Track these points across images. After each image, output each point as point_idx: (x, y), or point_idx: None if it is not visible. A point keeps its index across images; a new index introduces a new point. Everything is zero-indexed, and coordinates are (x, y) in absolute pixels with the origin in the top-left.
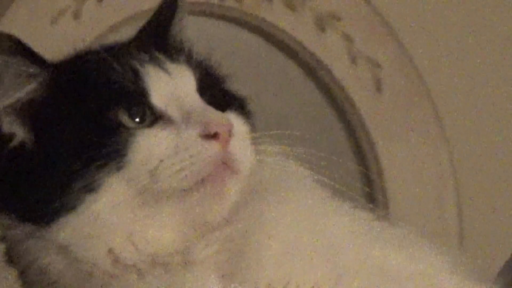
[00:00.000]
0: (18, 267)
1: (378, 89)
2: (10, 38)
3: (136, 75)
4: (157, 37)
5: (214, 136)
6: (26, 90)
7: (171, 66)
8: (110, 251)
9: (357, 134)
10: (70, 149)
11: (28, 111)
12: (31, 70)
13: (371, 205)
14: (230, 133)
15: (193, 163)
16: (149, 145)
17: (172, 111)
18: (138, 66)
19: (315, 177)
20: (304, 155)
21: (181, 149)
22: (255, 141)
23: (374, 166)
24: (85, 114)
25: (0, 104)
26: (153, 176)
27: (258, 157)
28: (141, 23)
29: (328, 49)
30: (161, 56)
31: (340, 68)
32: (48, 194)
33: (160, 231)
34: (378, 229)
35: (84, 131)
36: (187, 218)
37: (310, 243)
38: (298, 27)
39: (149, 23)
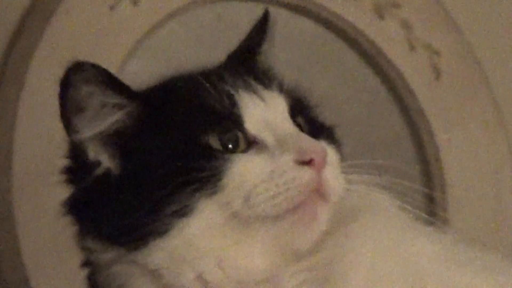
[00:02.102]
0: None
1: (437, 76)
2: (95, 67)
3: (231, 100)
4: (247, 64)
5: (309, 162)
6: (111, 120)
7: (264, 92)
8: (199, 276)
9: (415, 121)
10: (161, 174)
11: (115, 140)
12: (117, 101)
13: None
14: (324, 160)
15: (288, 189)
16: (244, 170)
17: (266, 137)
18: (232, 92)
19: (398, 204)
20: (387, 184)
21: (276, 175)
22: (343, 170)
23: (432, 152)
24: (178, 139)
25: (84, 134)
26: (246, 201)
27: (346, 186)
28: (199, 11)
29: (387, 37)
30: (253, 82)
31: (399, 56)
32: (139, 219)
33: (250, 257)
34: (463, 253)
35: (176, 156)
36: (277, 245)
37: (395, 270)
38: (357, 14)
39: (238, 48)
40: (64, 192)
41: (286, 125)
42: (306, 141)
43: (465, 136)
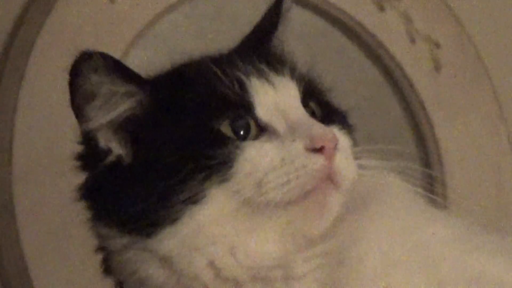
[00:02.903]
0: (116, 277)
1: (437, 68)
2: (104, 56)
3: (242, 87)
4: (260, 49)
5: (320, 149)
6: (121, 109)
7: (275, 78)
8: (211, 264)
9: (415, 113)
10: (172, 162)
11: (126, 127)
12: (126, 89)
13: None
14: (335, 147)
15: (299, 175)
16: (255, 157)
17: (277, 124)
18: (243, 78)
19: (411, 188)
20: (400, 168)
21: (287, 162)
22: (356, 156)
23: (432, 145)
24: (188, 126)
25: (95, 122)
26: (258, 188)
27: (359, 171)
28: (199, 2)
29: (387, 29)
30: (265, 68)
31: (399, 48)
32: (150, 207)
33: (262, 244)
34: (476, 236)
35: (187, 144)
36: (288, 231)
37: (410, 254)
38: (357, 7)
39: (251, 34)
40: (65, 182)
41: (298, 111)
42: (317, 128)
43: (465, 128)
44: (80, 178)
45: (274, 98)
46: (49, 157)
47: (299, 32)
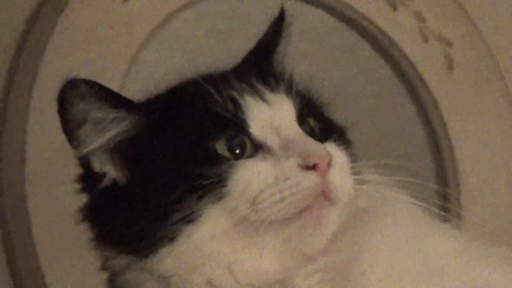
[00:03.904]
0: None
1: (450, 67)
2: (88, 84)
3: (236, 106)
4: (260, 66)
5: (313, 167)
6: (112, 133)
7: (270, 96)
8: (209, 282)
9: (428, 112)
10: (167, 181)
11: (120, 150)
12: (114, 115)
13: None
14: (329, 164)
15: (292, 193)
16: (249, 176)
17: (271, 141)
18: (237, 97)
19: (413, 202)
20: (401, 183)
21: (280, 180)
22: (354, 171)
23: (445, 143)
24: (183, 146)
25: (87, 147)
26: (252, 206)
27: (357, 186)
28: (212, 1)
29: (399, 28)
30: (260, 86)
31: (412, 47)
32: (147, 227)
33: (259, 261)
34: (479, 249)
35: (182, 163)
36: (286, 248)
37: (413, 267)
38: (370, 6)
39: (254, 49)
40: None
41: (292, 128)
42: (310, 145)
43: (478, 126)
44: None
45: (269, 116)
46: (62, 157)
47: (312, 31)
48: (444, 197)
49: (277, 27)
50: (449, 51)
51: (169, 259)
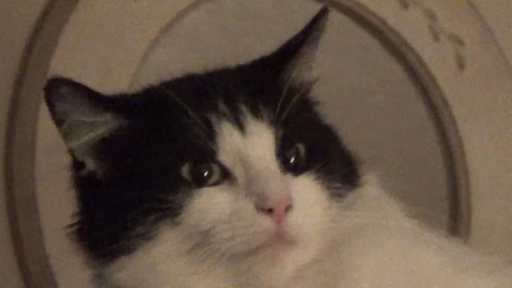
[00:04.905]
0: None
1: (461, 66)
2: (69, 85)
3: (209, 133)
4: (262, 77)
5: (269, 210)
6: (90, 136)
7: (250, 123)
8: None
9: (438, 111)
10: (133, 192)
11: (98, 147)
12: (93, 119)
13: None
14: (287, 209)
15: (244, 234)
16: (204, 207)
17: (238, 174)
18: (213, 120)
19: (408, 215)
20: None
21: (234, 218)
22: (344, 206)
23: (456, 143)
24: (151, 161)
25: (67, 143)
26: (205, 237)
27: (333, 223)
28: (221, 2)
29: (410, 26)
30: (244, 109)
31: (423, 45)
32: (111, 233)
33: None
34: (467, 257)
35: (147, 179)
36: (239, 281)
37: (399, 281)
38: (381, 4)
39: (268, 57)
40: None
41: (262, 162)
42: (271, 186)
43: (489, 126)
44: None
45: (241, 145)
46: None
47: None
48: (454, 197)
49: (304, 36)
50: (460, 50)
51: (124, 271)
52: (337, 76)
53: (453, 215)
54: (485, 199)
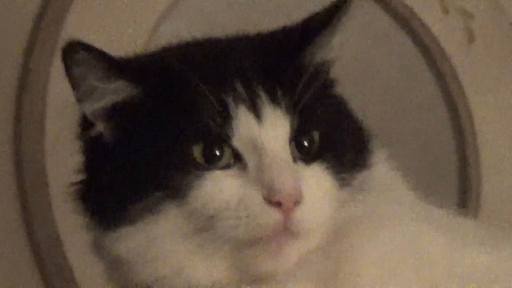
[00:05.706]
0: None
1: (470, 39)
2: (86, 50)
3: (225, 116)
4: (282, 57)
5: (277, 203)
6: (103, 103)
7: (267, 110)
8: (159, 280)
9: (448, 85)
10: (141, 164)
11: (111, 111)
12: (107, 86)
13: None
14: (296, 203)
15: (249, 224)
16: (212, 192)
17: (249, 160)
18: (229, 105)
19: (416, 197)
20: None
21: (241, 207)
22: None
23: (465, 116)
24: (163, 135)
25: (80, 105)
26: (209, 222)
27: (339, 210)
28: None
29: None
30: (262, 95)
31: (433, 19)
32: (115, 201)
33: (212, 270)
34: (475, 232)
35: (157, 153)
36: (239, 268)
37: (402, 262)
38: None
39: (277, 37)
40: None
41: (276, 151)
42: (281, 179)
43: (498, 99)
44: None
45: (256, 133)
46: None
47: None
48: (463, 173)
49: (333, 12)
50: (470, 23)
51: (124, 243)
52: (345, 50)
53: (463, 188)
54: (494, 171)
